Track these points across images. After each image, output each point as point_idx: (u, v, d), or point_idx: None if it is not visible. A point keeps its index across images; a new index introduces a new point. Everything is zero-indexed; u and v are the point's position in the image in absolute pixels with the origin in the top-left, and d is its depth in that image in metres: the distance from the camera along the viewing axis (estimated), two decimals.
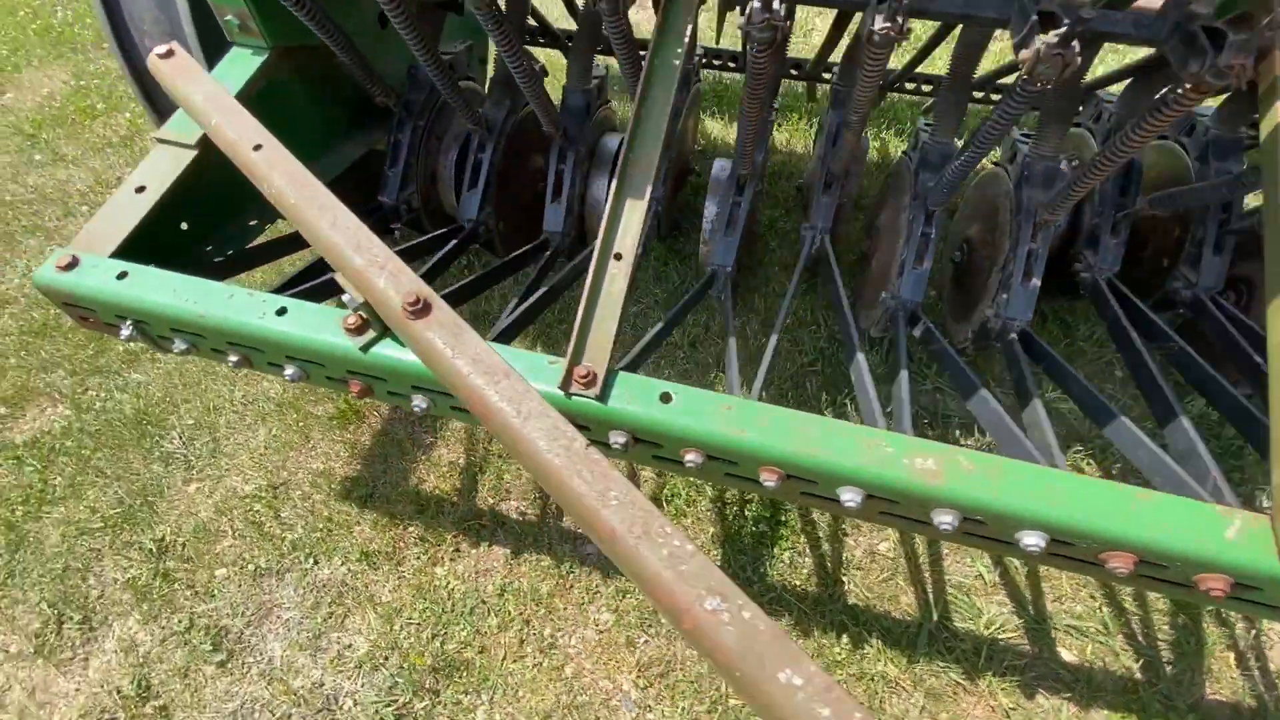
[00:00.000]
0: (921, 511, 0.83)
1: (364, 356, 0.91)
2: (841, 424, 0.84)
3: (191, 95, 1.06)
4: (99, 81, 3.01)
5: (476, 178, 1.56)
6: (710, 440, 0.84)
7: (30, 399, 1.82)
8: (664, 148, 0.95)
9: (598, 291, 0.90)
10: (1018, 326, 1.34)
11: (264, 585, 1.45)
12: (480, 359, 0.77)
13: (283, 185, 0.93)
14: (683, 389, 0.87)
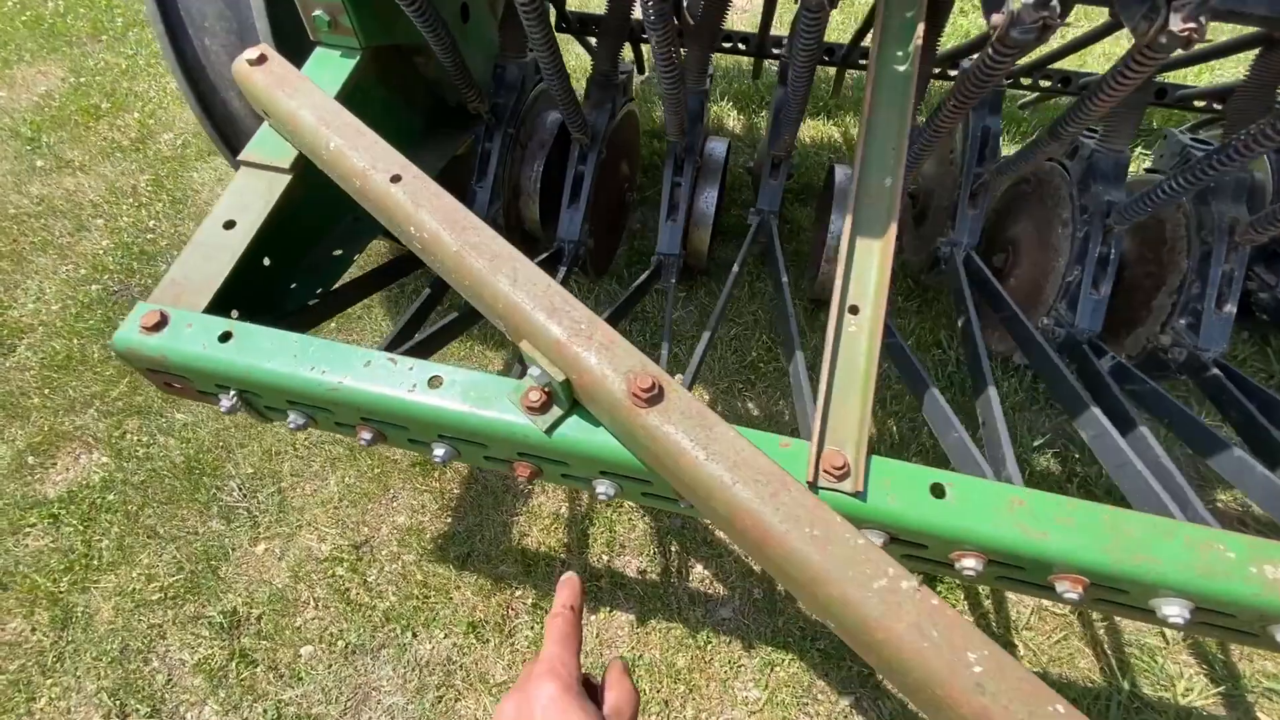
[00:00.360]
0: (1260, 626, 0.68)
1: (548, 440, 0.74)
2: (1166, 522, 0.68)
3: (297, 111, 0.86)
4: (100, 78, 2.76)
5: (578, 192, 1.38)
6: (999, 544, 0.68)
7: (61, 445, 1.62)
8: (902, 165, 0.78)
9: (837, 355, 0.74)
10: (1211, 358, 1.20)
11: (357, 665, 1.27)
12: (744, 462, 0.60)
13: (436, 228, 0.74)
14: (957, 478, 0.70)
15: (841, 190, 1.43)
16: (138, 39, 2.95)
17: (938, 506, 0.69)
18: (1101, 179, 1.25)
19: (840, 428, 0.71)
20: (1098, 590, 0.70)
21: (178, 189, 2.25)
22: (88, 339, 1.82)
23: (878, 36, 0.82)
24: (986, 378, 0.97)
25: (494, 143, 1.38)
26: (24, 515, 1.50)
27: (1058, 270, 1.33)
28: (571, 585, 0.62)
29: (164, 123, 2.52)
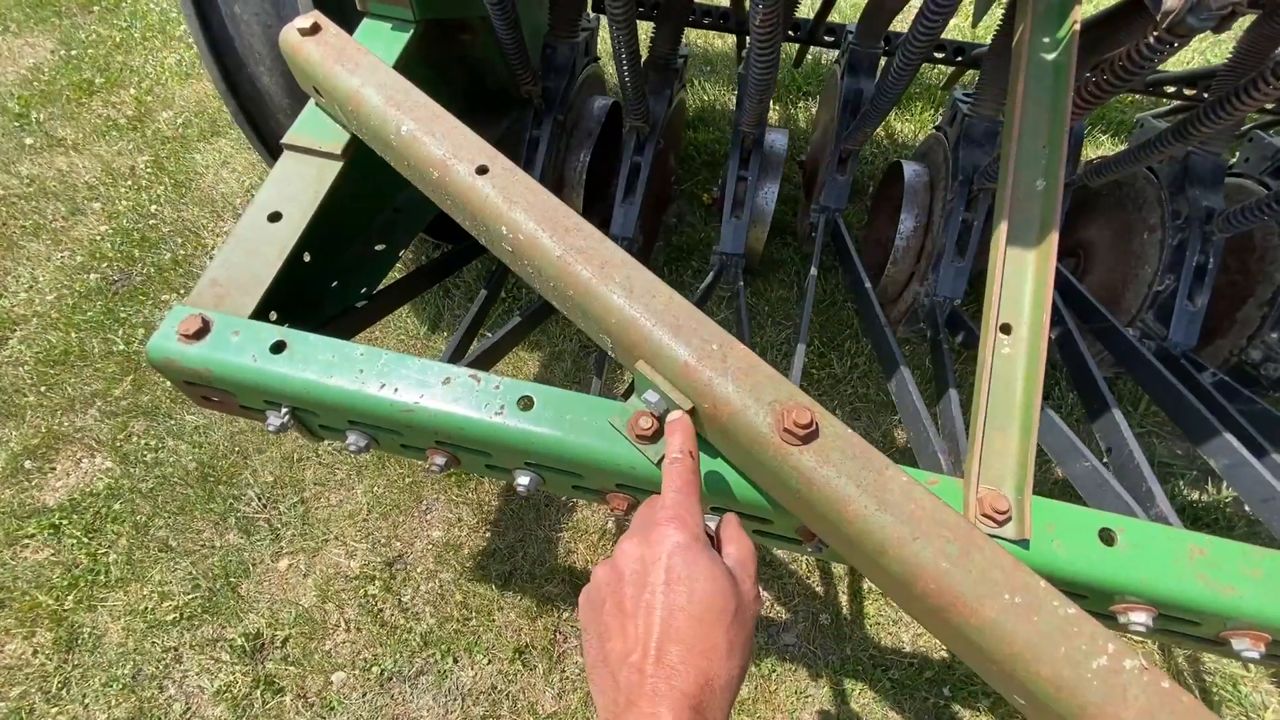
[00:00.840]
0: None
1: (659, 473, 0.65)
2: None
3: (359, 89, 0.75)
4: (93, 51, 2.59)
5: (634, 185, 1.28)
6: (1179, 600, 0.60)
7: (60, 448, 1.50)
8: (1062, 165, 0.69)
9: (992, 380, 0.65)
10: None
11: (395, 693, 1.18)
12: (924, 514, 0.51)
13: (534, 230, 0.65)
14: (1126, 522, 0.62)
15: (911, 189, 1.35)
16: (132, 11, 2.77)
17: (1109, 555, 0.61)
18: (1199, 183, 1.18)
19: (997, 464, 0.63)
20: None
21: (180, 171, 2.11)
22: (87, 332, 1.69)
23: (1026, 20, 0.73)
24: (1106, 398, 0.89)
25: (543, 129, 1.28)
26: (21, 525, 1.38)
27: (1142, 279, 1.26)
28: (684, 427, 0.56)
29: (163, 100, 2.37)
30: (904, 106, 2.30)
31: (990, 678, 0.53)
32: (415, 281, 1.08)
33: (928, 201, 1.35)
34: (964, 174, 1.19)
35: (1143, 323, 1.24)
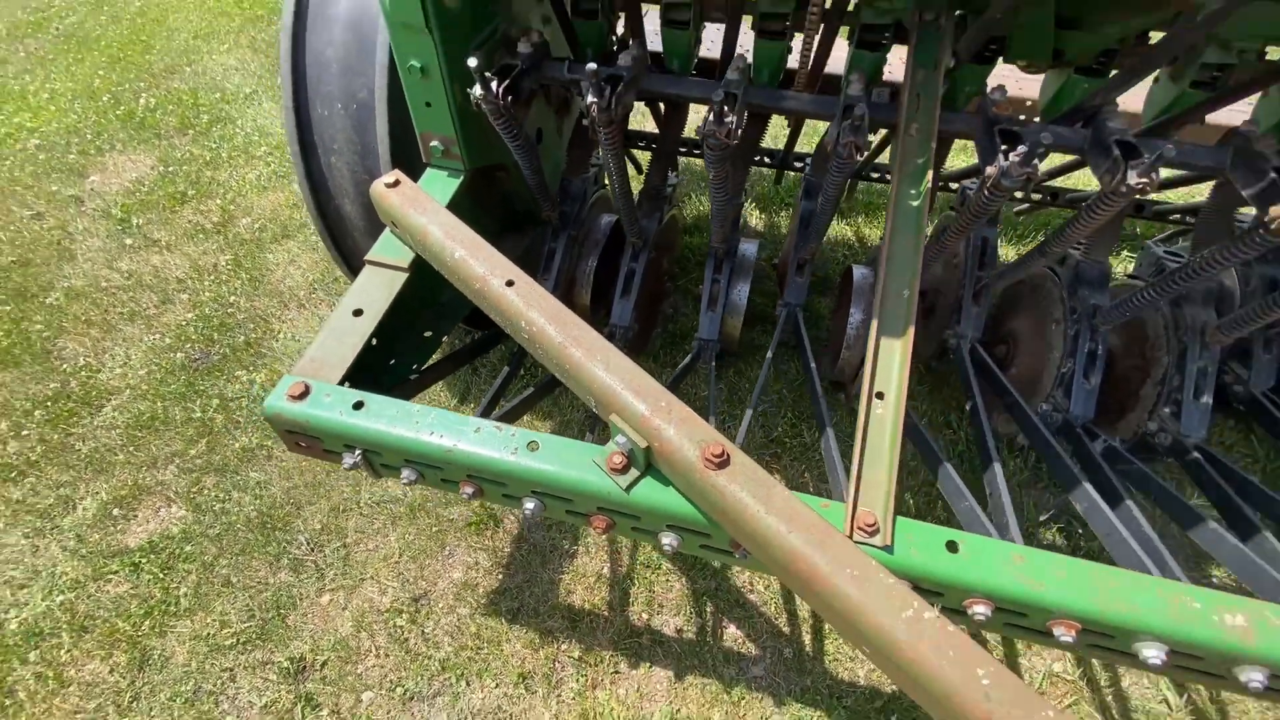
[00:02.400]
0: (1224, 668, 0.81)
1: (627, 497, 0.90)
2: (1143, 577, 0.83)
3: (426, 225, 1.08)
4: (186, 168, 3.09)
5: (630, 285, 1.59)
6: (1003, 594, 0.82)
7: (143, 499, 1.77)
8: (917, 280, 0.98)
9: (867, 432, 0.91)
10: (1193, 443, 1.35)
11: (414, 711, 1.37)
12: (797, 516, 0.76)
13: (543, 324, 0.94)
14: (967, 537, 0.86)
15: (859, 289, 1.64)
16: (221, 134, 3.31)
17: (952, 560, 0.84)
18: (1087, 285, 1.46)
19: (870, 493, 0.87)
20: (1089, 635, 0.83)
21: (255, 268, 2.50)
22: (170, 402, 2.01)
23: (896, 179, 1.04)
24: (992, 455, 1.13)
25: (559, 243, 1.62)
26: (106, 563, 1.63)
27: (1053, 362, 1.52)
28: None
29: (243, 208, 2.81)
30: (872, 219, 2.66)
31: (843, 632, 0.75)
32: (452, 362, 1.38)
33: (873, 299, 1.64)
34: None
35: (1054, 398, 1.48)
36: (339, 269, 1.75)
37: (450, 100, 1.18)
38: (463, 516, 1.67)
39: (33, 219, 2.79)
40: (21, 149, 3.23)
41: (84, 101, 3.61)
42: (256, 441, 1.88)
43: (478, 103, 1.14)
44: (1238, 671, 0.80)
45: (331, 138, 1.40)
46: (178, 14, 4.56)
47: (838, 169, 1.16)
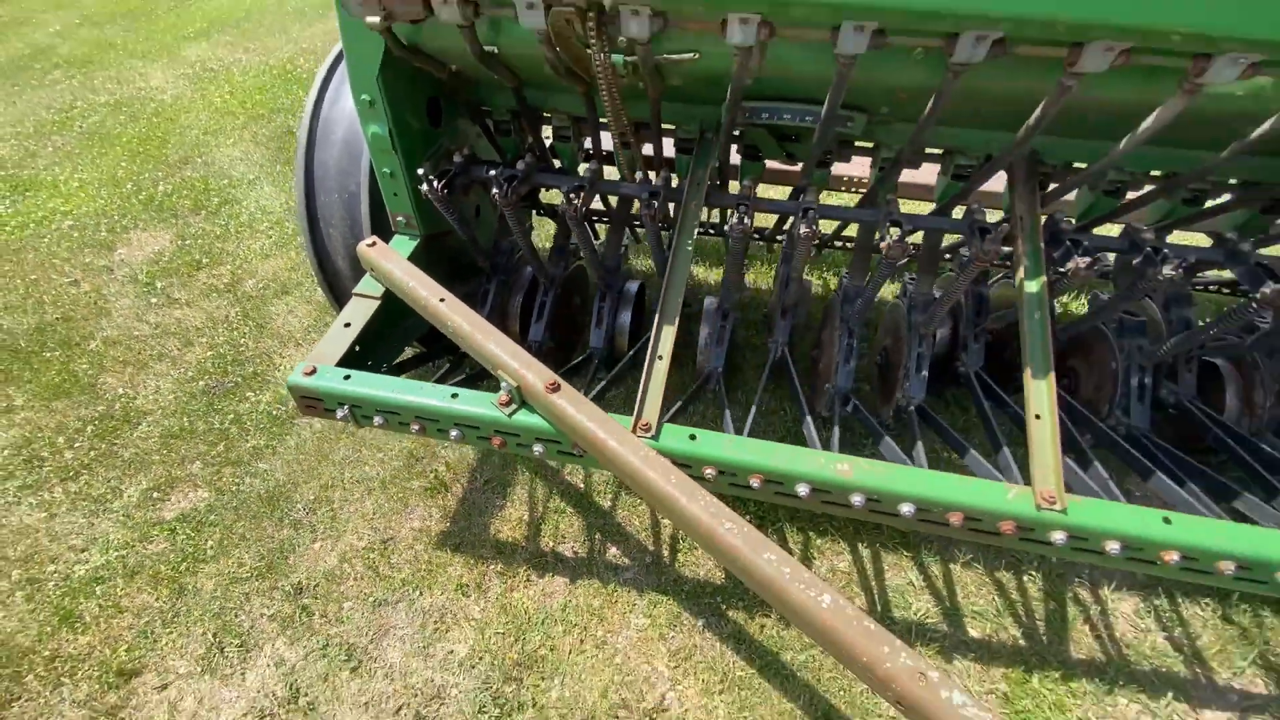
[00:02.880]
0: (844, 496, 1.42)
1: (510, 420, 1.51)
2: (798, 448, 1.46)
3: (392, 269, 1.74)
4: (200, 241, 3.74)
5: (542, 313, 2.25)
6: (721, 462, 1.44)
7: (175, 486, 2.32)
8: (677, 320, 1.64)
9: (649, 378, 1.54)
10: (915, 403, 2.01)
11: (382, 612, 1.91)
12: (595, 416, 1.39)
13: (461, 323, 1.58)
14: (701, 432, 1.48)
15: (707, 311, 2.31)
16: (230, 213, 3.99)
17: (692, 445, 1.46)
18: (850, 303, 2.14)
19: (649, 411, 1.50)
20: (770, 485, 1.44)
21: (260, 318, 3.12)
22: (194, 417, 2.58)
23: (677, 228, 1.73)
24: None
25: (491, 285, 2.28)
26: (150, 530, 2.17)
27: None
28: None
29: (249, 272, 3.46)
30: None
31: (631, 485, 1.36)
32: (416, 360, 2.00)
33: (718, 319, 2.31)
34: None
35: (834, 381, 2.14)
36: (332, 308, 2.38)
37: (409, 192, 1.86)
38: (421, 485, 2.25)
39: (70, 285, 3.40)
40: (57, 229, 3.87)
41: (109, 188, 4.29)
42: (264, 443, 2.45)
43: (426, 194, 1.82)
44: (851, 498, 1.42)
45: (330, 216, 2.07)
46: (189, 114, 5.34)
47: (801, 246, 1.79)
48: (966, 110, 1.63)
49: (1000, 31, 1.14)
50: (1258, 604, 1.91)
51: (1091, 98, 1.34)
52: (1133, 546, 1.32)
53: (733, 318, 2.22)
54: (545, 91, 1.93)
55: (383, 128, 1.72)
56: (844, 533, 2.10)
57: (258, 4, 8.49)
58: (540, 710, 1.69)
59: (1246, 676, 1.77)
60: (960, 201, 1.93)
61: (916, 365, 2.04)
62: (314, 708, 1.72)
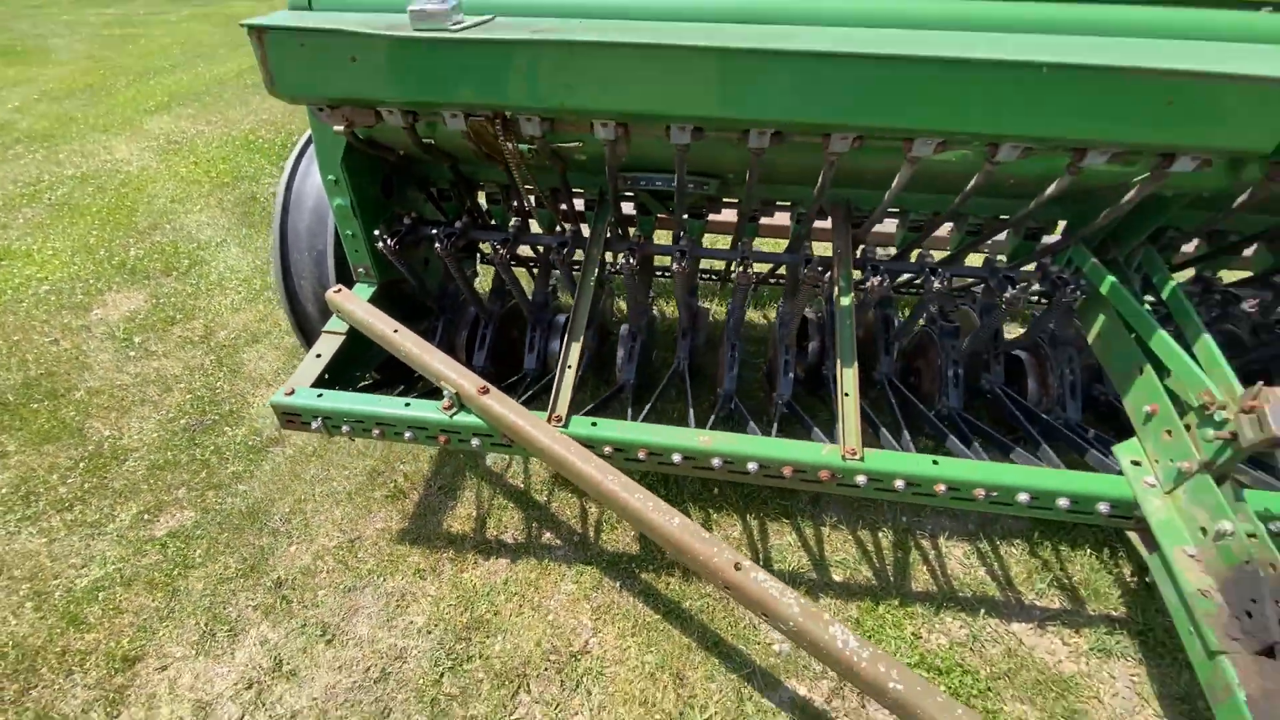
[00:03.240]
0: (706, 460, 1.89)
1: (452, 421, 1.95)
2: (672, 427, 1.93)
3: (354, 309, 2.18)
4: (173, 299, 4.10)
5: (484, 343, 2.71)
6: (615, 441, 1.90)
7: (164, 509, 2.65)
8: (589, 323, 2.12)
9: (561, 381, 2.01)
10: (784, 399, 2.51)
11: (351, 596, 2.28)
12: (518, 411, 1.84)
13: (410, 347, 2.03)
14: (602, 420, 1.94)
15: (623, 337, 2.81)
16: (199, 274, 4.36)
17: (592, 430, 1.92)
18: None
19: (560, 407, 1.96)
20: (652, 459, 1.90)
21: (233, 364, 3.49)
22: (178, 451, 2.92)
23: (583, 269, 2.23)
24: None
25: (440, 323, 2.73)
26: (143, 545, 2.49)
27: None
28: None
29: (221, 325, 3.83)
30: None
31: (557, 469, 1.81)
32: (377, 385, 2.42)
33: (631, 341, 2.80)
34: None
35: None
36: (303, 347, 2.79)
37: (368, 248, 2.32)
38: (382, 494, 2.64)
39: (51, 344, 3.71)
40: (34, 294, 4.18)
41: (82, 255, 4.61)
42: (242, 468, 2.81)
43: (382, 250, 2.28)
44: (712, 461, 1.88)
45: (301, 270, 2.50)
46: (155, 184, 5.72)
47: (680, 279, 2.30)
48: (781, 175, 2.19)
49: (773, 128, 1.69)
50: (1057, 541, 2.44)
51: (855, 165, 1.90)
52: (913, 483, 1.82)
53: (640, 339, 2.72)
54: (476, 166, 2.44)
55: (345, 200, 2.19)
56: (736, 508, 2.56)
57: (217, 78, 8.99)
58: (486, 660, 2.08)
59: (1046, 597, 2.27)
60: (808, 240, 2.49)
61: (784, 369, 2.56)
62: (295, 673, 2.06)
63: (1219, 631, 1.47)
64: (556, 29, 1.60)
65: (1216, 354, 1.70)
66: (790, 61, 1.49)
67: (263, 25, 1.60)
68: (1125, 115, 1.47)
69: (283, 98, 1.78)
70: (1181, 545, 1.62)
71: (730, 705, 1.96)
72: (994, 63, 1.44)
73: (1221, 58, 1.46)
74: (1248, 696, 1.39)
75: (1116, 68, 1.41)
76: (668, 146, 1.86)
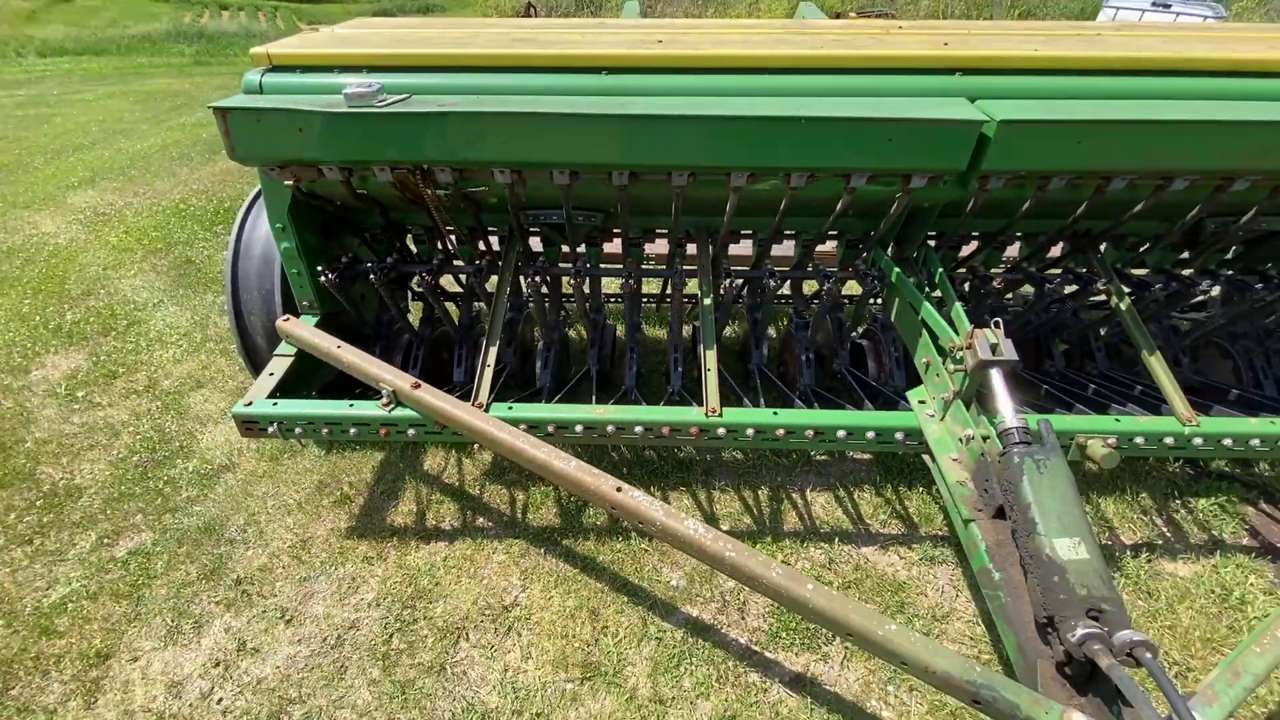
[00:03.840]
0: (602, 429, 2.37)
1: (390, 415, 2.37)
2: (574, 404, 2.40)
3: (302, 333, 2.58)
4: (114, 355, 4.30)
5: (417, 362, 3.13)
6: (528, 419, 2.36)
7: (122, 533, 2.89)
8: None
9: (481, 375, 2.46)
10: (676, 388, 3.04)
11: (307, 585, 2.59)
12: (448, 401, 2.28)
13: (353, 359, 2.45)
14: (517, 404, 2.40)
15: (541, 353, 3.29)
16: (138, 332, 4.58)
17: (509, 412, 2.37)
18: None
19: (482, 394, 2.40)
20: (561, 433, 2.37)
21: (180, 408, 3.74)
22: (132, 484, 3.16)
23: (495, 295, 2.72)
24: None
25: (376, 349, 3.14)
26: (105, 564, 2.72)
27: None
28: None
29: (165, 374, 4.07)
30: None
31: (481, 443, 2.25)
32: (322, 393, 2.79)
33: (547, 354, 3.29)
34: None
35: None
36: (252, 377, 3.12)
37: (311, 285, 2.75)
38: (330, 501, 2.97)
39: None
40: None
41: (16, 323, 4.75)
42: (196, 493, 3.08)
43: (325, 285, 2.71)
44: (606, 429, 2.36)
45: (251, 307, 2.89)
46: (86, 254, 5.89)
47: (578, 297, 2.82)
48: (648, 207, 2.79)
49: (628, 170, 2.27)
50: (897, 483, 3.02)
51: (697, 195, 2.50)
52: (760, 430, 2.36)
53: (555, 350, 3.21)
54: (404, 212, 2.92)
55: (291, 243, 2.63)
56: (642, 483, 3.04)
57: (140, 153, 9.19)
58: (430, 620, 2.43)
59: (889, 526, 2.83)
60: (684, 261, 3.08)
61: (673, 365, 3.10)
62: (258, 649, 2.35)
63: (969, 506, 2.05)
64: (460, 104, 2.14)
65: (962, 316, 2.34)
66: (629, 121, 2.07)
67: (227, 107, 2.08)
68: (863, 148, 2.13)
69: (241, 161, 2.23)
70: (948, 453, 2.21)
71: (636, 628, 2.38)
72: (773, 118, 2.07)
73: (923, 108, 2.15)
74: (987, 548, 1.95)
75: (849, 118, 2.07)
76: (554, 187, 2.41)
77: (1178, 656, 2.29)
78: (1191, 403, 2.64)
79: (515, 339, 3.25)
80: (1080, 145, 2.08)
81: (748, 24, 3.25)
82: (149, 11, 29.19)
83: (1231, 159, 2.11)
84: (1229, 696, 1.51)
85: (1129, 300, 2.72)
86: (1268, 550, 2.72)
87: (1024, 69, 2.35)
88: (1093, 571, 1.57)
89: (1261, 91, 2.25)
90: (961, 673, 1.52)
